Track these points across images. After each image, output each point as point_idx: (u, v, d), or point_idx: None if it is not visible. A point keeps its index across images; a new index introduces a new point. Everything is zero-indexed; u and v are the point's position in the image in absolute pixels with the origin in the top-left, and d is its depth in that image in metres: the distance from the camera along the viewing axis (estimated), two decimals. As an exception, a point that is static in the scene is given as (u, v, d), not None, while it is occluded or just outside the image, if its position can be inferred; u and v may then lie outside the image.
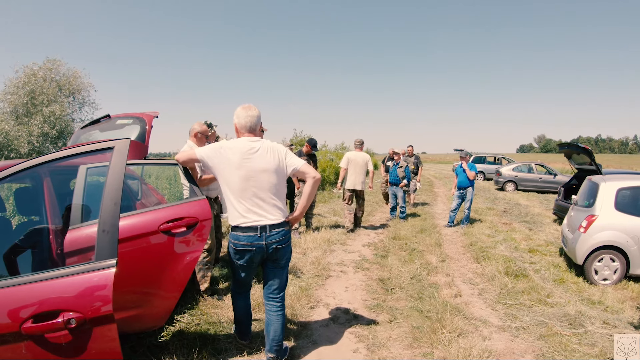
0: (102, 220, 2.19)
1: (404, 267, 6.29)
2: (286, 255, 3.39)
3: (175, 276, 3.09)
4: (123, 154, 2.38)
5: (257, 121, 3.33)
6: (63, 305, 2.08)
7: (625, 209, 5.87)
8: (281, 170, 3.25)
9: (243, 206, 3.18)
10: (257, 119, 3.32)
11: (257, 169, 3.15)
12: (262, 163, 3.16)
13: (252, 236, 3.19)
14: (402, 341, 4.00)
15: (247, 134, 3.30)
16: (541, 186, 19.13)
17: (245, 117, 3.28)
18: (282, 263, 3.39)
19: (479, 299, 5.19)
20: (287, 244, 3.35)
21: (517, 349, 3.90)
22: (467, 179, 9.80)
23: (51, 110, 22.21)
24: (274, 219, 3.22)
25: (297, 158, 3.36)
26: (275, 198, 3.24)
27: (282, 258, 3.36)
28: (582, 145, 9.74)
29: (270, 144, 3.28)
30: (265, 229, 3.18)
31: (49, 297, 2.10)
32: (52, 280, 2.13)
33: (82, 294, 2.12)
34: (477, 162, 26.20)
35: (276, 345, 3.41)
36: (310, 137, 8.82)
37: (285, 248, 3.33)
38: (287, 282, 3.53)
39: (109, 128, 4.70)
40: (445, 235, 9.20)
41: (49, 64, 23.37)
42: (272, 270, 3.40)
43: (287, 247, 3.36)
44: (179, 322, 4.13)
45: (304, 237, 8.05)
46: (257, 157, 3.17)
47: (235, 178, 3.15)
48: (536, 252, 7.69)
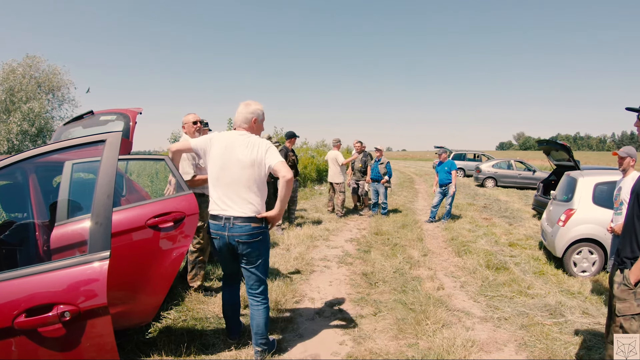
0: (95, 213, 2.18)
1: (386, 262, 6.36)
2: (255, 254, 3.28)
3: (163, 271, 3.09)
4: (115, 147, 2.38)
5: (245, 117, 3.33)
6: (56, 298, 2.07)
7: (603, 203, 6.00)
8: (258, 165, 3.19)
9: (216, 194, 3.24)
10: (245, 114, 3.33)
11: (233, 160, 3.18)
12: (239, 155, 3.18)
13: (216, 225, 3.23)
14: (387, 333, 4.06)
15: (238, 128, 3.36)
16: (520, 182, 19.39)
17: (237, 113, 3.36)
18: (252, 261, 3.30)
19: (461, 292, 5.27)
20: (255, 241, 3.24)
21: (499, 339, 3.98)
22: (448, 176, 9.94)
23: (30, 107, 21.87)
24: (240, 212, 3.18)
25: (275, 155, 3.21)
26: (250, 192, 3.19)
27: (251, 256, 3.27)
28: (560, 142, 9.93)
29: (256, 139, 3.26)
30: (229, 220, 3.18)
31: (42, 291, 2.09)
32: (44, 273, 2.12)
33: (75, 286, 2.12)
34: (457, 159, 26.47)
35: (260, 338, 3.42)
36: (288, 131, 8.94)
37: (252, 245, 3.24)
38: (264, 280, 3.43)
39: (92, 124, 4.67)
40: (427, 230, 9.30)
41: (29, 60, 23.03)
42: (244, 268, 3.35)
43: (255, 244, 3.25)
44: (166, 318, 4.13)
45: (287, 234, 8.08)
46: (236, 150, 3.19)
47: (213, 167, 3.23)
48: (516, 245, 7.83)
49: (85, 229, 2.86)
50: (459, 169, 25.94)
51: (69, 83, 24.88)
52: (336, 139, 10.84)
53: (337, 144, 10.81)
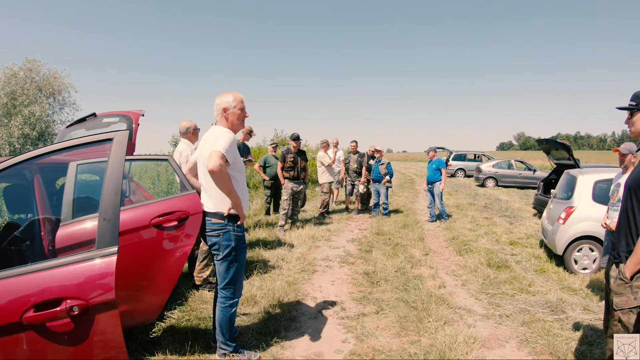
0: (103, 209, 2.22)
1: (388, 261, 6.39)
2: (220, 249, 3.25)
3: (167, 270, 3.12)
4: (123, 145, 2.42)
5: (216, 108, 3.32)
6: (65, 293, 2.10)
7: (603, 200, 6.01)
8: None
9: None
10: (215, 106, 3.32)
11: (201, 157, 3.26)
12: (203, 151, 3.23)
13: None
14: (390, 330, 4.08)
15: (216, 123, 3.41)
16: (521, 182, 19.40)
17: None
18: (218, 255, 3.27)
19: (463, 290, 5.30)
20: (220, 236, 3.23)
21: (501, 335, 4.01)
22: (436, 174, 10.05)
23: (31, 111, 21.97)
24: (207, 206, 3.27)
25: (217, 144, 3.01)
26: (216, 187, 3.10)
27: (218, 250, 3.26)
28: (560, 140, 9.95)
29: (212, 130, 3.26)
30: (206, 214, 3.28)
31: (51, 286, 2.12)
32: (53, 269, 2.15)
33: (84, 281, 2.15)
34: (458, 160, 26.56)
35: (221, 338, 3.39)
36: (292, 133, 8.96)
37: (216, 239, 3.23)
38: (230, 278, 3.34)
39: (95, 126, 4.71)
40: (428, 230, 9.32)
41: (29, 64, 23.12)
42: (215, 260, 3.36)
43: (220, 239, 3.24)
44: (170, 317, 4.16)
45: (289, 234, 8.12)
46: (203, 146, 3.25)
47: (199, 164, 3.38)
48: (517, 244, 7.85)
49: (90, 228, 2.90)
50: (460, 169, 26.02)
51: (69, 87, 25.02)
52: (324, 140, 11.03)
53: (324, 145, 11.00)
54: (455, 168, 26.29)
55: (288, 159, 8.50)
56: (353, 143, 11.13)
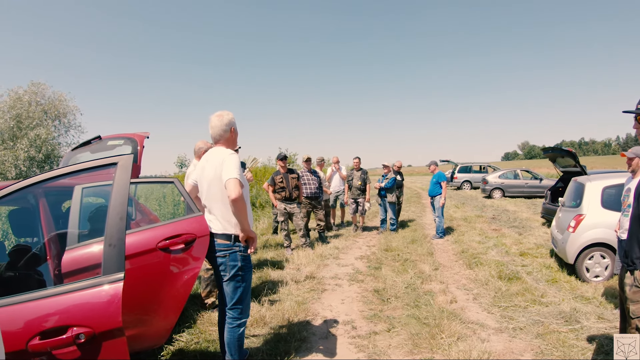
0: (109, 235, 2.20)
1: (398, 277, 6.33)
2: (227, 269, 3.25)
3: (175, 293, 3.08)
4: (127, 169, 2.42)
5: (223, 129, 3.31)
6: (71, 320, 2.08)
7: (612, 206, 5.96)
8: (219, 180, 3.14)
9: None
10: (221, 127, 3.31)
11: (205, 178, 3.27)
12: (207, 172, 3.25)
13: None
14: (402, 348, 4.02)
15: (216, 144, 3.39)
16: (528, 191, 19.34)
17: (212, 127, 3.34)
18: (225, 275, 3.26)
19: (475, 304, 5.23)
20: (226, 257, 3.24)
21: (515, 349, 3.94)
22: (437, 187, 10.00)
23: (37, 134, 22.18)
24: (215, 228, 3.26)
25: (230, 169, 3.06)
26: (223, 209, 3.20)
27: (225, 270, 3.25)
28: (565, 148, 9.91)
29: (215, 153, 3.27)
30: (213, 235, 3.26)
31: (57, 313, 2.09)
32: (58, 296, 2.12)
33: (90, 308, 2.12)
34: (464, 172, 26.56)
35: (229, 357, 3.37)
36: (278, 153, 8.90)
37: (223, 259, 3.24)
38: (237, 299, 3.31)
39: (100, 149, 4.74)
40: (436, 244, 9.26)
41: (34, 87, 23.41)
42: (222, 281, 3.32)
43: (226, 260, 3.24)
44: (178, 341, 4.12)
45: (297, 253, 8.05)
46: (207, 167, 3.26)
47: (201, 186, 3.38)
48: (527, 255, 7.77)
49: (96, 252, 2.88)
50: (466, 182, 25.96)
51: (74, 109, 25.22)
52: (320, 158, 11.02)
53: (320, 162, 10.97)
54: (462, 180, 26.27)
55: (277, 180, 8.38)
56: (356, 159, 10.84)
